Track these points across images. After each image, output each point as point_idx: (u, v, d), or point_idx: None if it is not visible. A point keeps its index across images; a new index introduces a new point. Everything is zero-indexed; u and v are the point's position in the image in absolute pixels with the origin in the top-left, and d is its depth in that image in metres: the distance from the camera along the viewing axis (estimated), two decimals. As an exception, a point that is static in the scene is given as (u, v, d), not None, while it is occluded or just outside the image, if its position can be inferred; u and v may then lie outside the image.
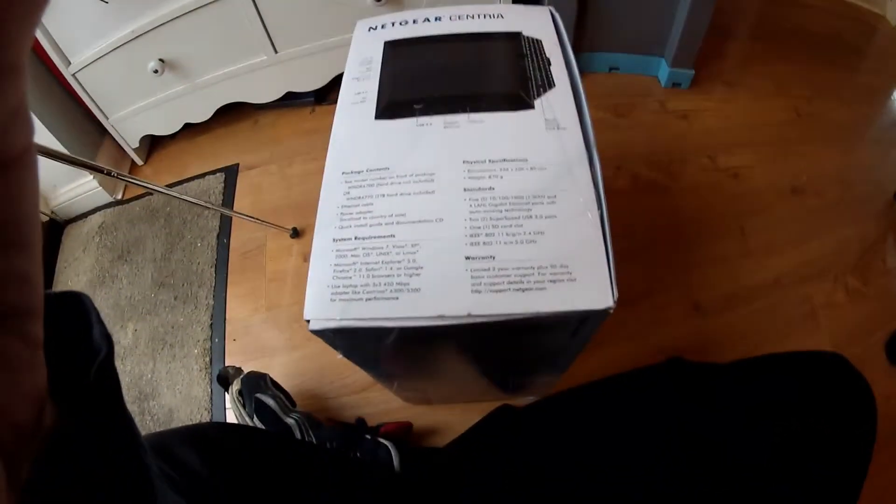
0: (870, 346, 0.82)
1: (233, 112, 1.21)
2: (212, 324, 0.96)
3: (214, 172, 1.18)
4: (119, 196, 1.20)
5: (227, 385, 0.76)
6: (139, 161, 1.24)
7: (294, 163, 1.15)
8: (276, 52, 1.06)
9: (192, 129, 1.23)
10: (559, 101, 0.44)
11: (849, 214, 0.98)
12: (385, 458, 0.66)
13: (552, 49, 0.49)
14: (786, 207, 0.99)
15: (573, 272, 0.35)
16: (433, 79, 0.49)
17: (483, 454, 0.60)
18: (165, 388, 0.90)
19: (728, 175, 1.03)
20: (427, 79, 0.49)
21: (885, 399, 0.49)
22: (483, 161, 0.41)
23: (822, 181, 1.02)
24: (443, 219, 0.38)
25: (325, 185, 0.42)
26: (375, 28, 0.54)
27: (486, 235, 0.37)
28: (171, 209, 1.13)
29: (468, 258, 0.36)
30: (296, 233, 1.02)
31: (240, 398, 0.73)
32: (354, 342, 0.40)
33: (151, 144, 1.28)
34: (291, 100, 1.19)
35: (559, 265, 0.35)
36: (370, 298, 0.35)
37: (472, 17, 0.53)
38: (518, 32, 0.51)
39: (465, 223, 0.38)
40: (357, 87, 0.48)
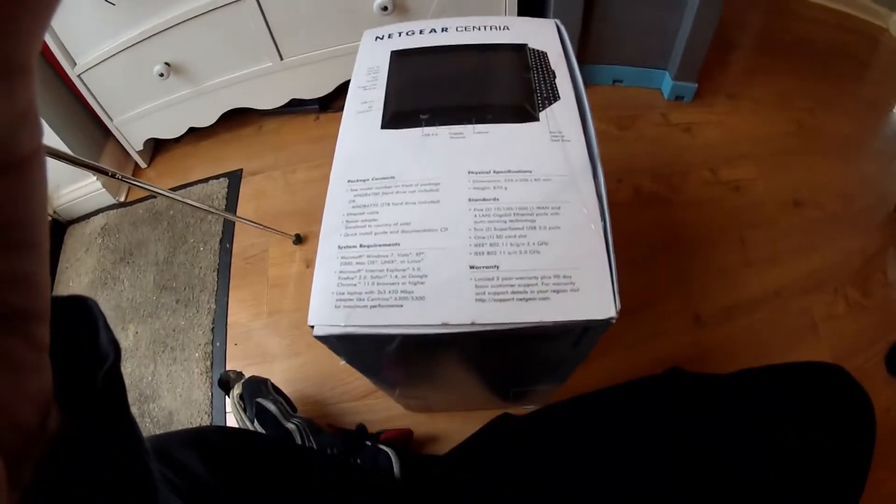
0: (870, 358, 0.82)
1: (237, 117, 1.21)
2: (213, 328, 0.96)
3: (218, 177, 1.18)
4: (122, 198, 1.20)
5: (229, 389, 0.76)
6: (143, 164, 1.24)
7: (298, 169, 1.16)
8: (282, 59, 1.07)
9: (197, 134, 1.24)
10: (564, 114, 0.45)
11: (850, 227, 0.98)
12: (385, 465, 0.66)
13: (557, 61, 0.50)
14: (787, 219, 0.99)
15: (576, 282, 0.35)
16: (439, 89, 0.49)
17: (483, 462, 0.60)
18: (166, 391, 0.91)
19: (730, 188, 1.03)
20: (433, 89, 0.49)
21: (885, 411, 0.49)
22: (488, 172, 0.41)
23: (824, 193, 1.02)
24: (447, 228, 0.38)
25: (331, 193, 0.42)
26: (382, 38, 0.55)
27: (491, 245, 0.37)
28: (174, 213, 1.13)
29: (472, 267, 0.36)
30: (298, 239, 1.02)
31: (241, 402, 0.73)
32: (358, 349, 0.41)
33: (155, 147, 1.29)
34: (296, 106, 1.20)
35: (562, 275, 0.36)
36: (374, 305, 0.36)
37: (478, 29, 0.54)
38: (524, 44, 0.52)
39: (470, 233, 0.38)
40: (363, 96, 0.49)
